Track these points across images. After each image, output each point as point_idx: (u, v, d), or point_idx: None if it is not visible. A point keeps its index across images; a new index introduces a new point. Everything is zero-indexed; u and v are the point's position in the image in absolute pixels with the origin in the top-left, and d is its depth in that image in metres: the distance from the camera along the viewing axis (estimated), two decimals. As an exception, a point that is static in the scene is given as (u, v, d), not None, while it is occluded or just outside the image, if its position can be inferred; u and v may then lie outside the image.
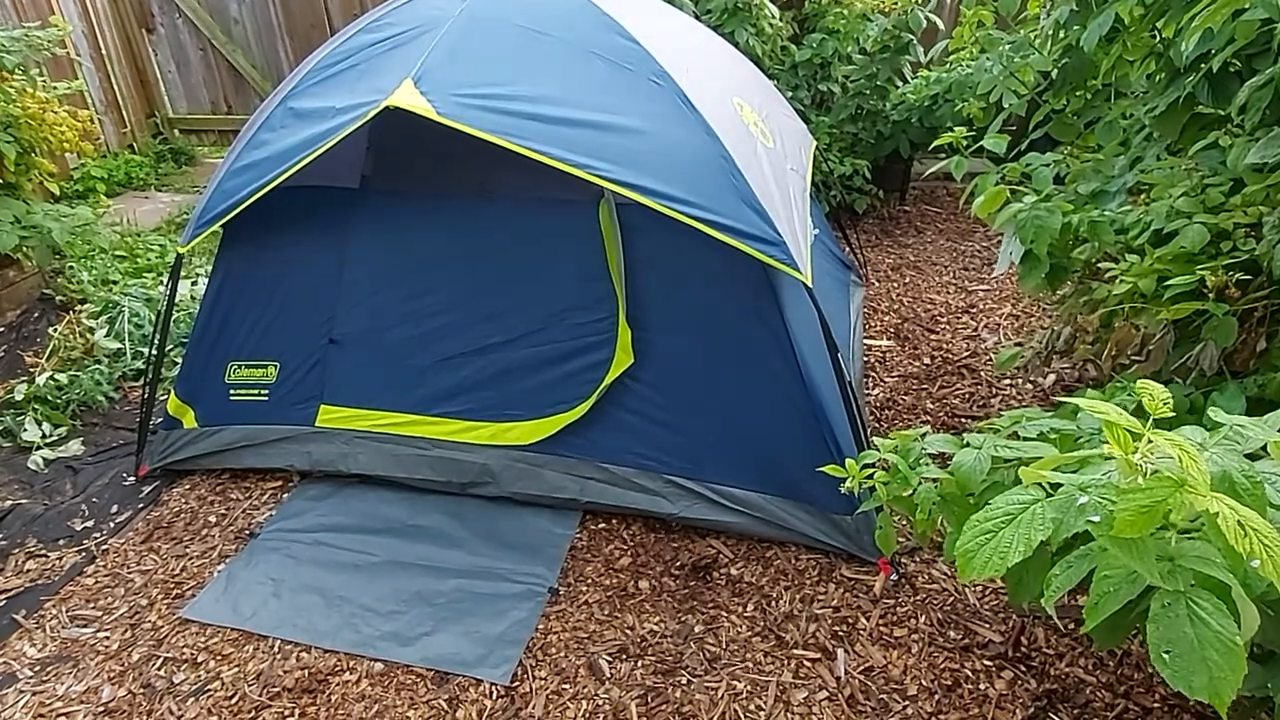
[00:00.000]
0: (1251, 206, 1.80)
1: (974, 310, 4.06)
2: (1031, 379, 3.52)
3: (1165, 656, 0.80)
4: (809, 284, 2.33)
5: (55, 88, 3.99)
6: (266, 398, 2.90)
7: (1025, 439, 1.59)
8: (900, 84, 4.72)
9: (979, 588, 2.48)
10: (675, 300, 2.56)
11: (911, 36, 4.48)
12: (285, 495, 2.94)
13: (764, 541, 2.64)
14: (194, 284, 4.31)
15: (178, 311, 3.99)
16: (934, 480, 1.56)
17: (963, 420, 3.25)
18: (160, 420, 3.03)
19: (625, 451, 2.65)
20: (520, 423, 2.71)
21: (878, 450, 1.74)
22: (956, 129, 2.91)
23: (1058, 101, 3.12)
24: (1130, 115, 2.72)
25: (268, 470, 3.01)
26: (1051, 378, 3.51)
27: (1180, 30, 2.04)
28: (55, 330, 3.77)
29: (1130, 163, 2.53)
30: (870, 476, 1.70)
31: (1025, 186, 2.73)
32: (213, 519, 2.86)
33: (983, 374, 3.55)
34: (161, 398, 3.18)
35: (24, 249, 3.84)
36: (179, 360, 3.65)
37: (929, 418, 3.27)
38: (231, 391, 2.92)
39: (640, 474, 2.65)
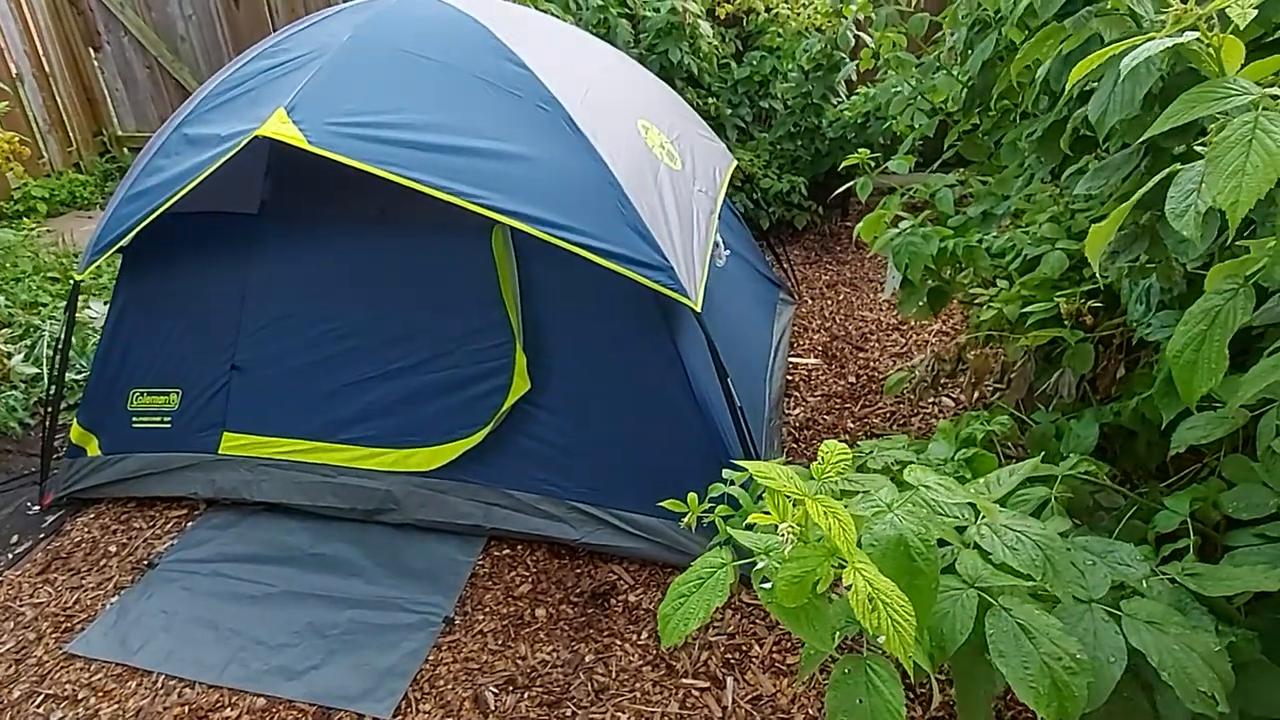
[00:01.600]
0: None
1: (904, 328, 4.07)
2: (953, 397, 3.52)
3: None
4: (697, 309, 2.32)
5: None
6: (169, 425, 2.86)
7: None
8: (835, 101, 4.74)
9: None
10: (572, 326, 2.54)
11: (843, 55, 4.50)
12: (189, 524, 2.90)
13: (667, 567, 2.62)
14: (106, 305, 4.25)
15: (93, 336, 3.94)
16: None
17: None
18: (65, 448, 2.98)
19: (528, 477, 2.63)
20: (422, 449, 2.69)
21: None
22: (861, 151, 2.93)
23: (967, 122, 3.13)
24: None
25: (173, 499, 2.96)
26: (976, 394, 3.52)
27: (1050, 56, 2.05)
28: (-30, 356, 3.71)
29: (1024, 185, 2.54)
30: (711, 510, 1.68)
31: (931, 207, 2.75)
32: (113, 549, 2.81)
33: (905, 394, 3.54)
34: (64, 424, 3.13)
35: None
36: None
37: (848, 437, 3.27)
38: (134, 419, 2.88)
39: (544, 500, 2.63)
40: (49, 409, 2.88)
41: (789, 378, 3.63)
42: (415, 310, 2.65)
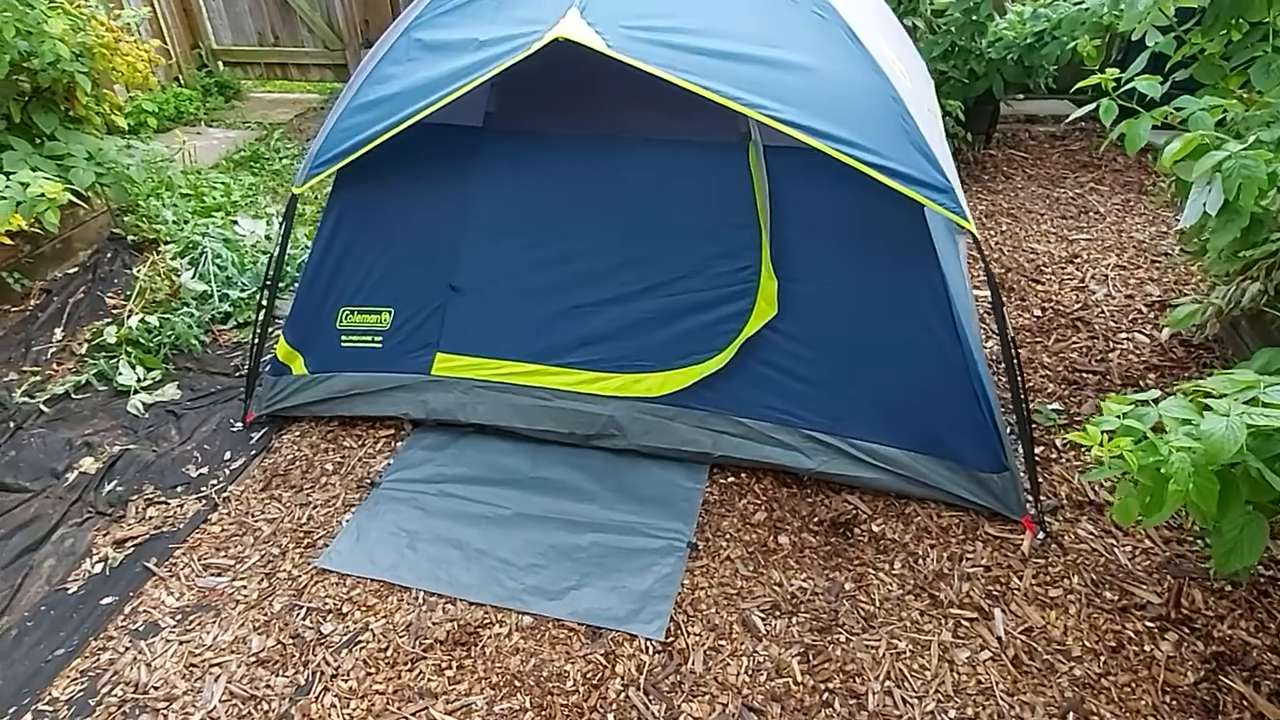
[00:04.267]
0: None
1: (1078, 260, 3.93)
2: (1147, 334, 3.41)
3: None
4: (975, 233, 2.21)
5: (119, 14, 3.79)
6: (380, 345, 2.82)
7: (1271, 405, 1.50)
8: (999, 19, 4.48)
9: (1129, 547, 2.43)
10: (823, 249, 2.44)
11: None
12: (399, 444, 2.88)
13: (902, 497, 2.58)
14: (268, 224, 4.18)
15: (259, 253, 3.89)
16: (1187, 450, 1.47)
17: (1083, 375, 3.16)
18: (268, 365, 2.95)
19: (762, 405, 2.58)
20: (651, 374, 2.63)
21: (1108, 415, 1.65)
22: (1109, 70, 2.74)
23: (1206, 40, 2.93)
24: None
25: (379, 418, 2.94)
26: (1167, 332, 3.41)
27: None
28: (139, 271, 3.66)
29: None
30: (1104, 444, 1.61)
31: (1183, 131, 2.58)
32: (329, 466, 2.81)
33: (1097, 327, 3.44)
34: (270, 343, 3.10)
35: (99, 186, 3.71)
36: (263, 303, 3.60)
37: (1048, 373, 3.18)
38: (343, 338, 2.84)
39: (777, 428, 2.58)
40: (258, 326, 2.83)
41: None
42: (649, 231, 2.56)
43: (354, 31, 6.12)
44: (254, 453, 2.88)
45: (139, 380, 3.26)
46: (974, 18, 4.40)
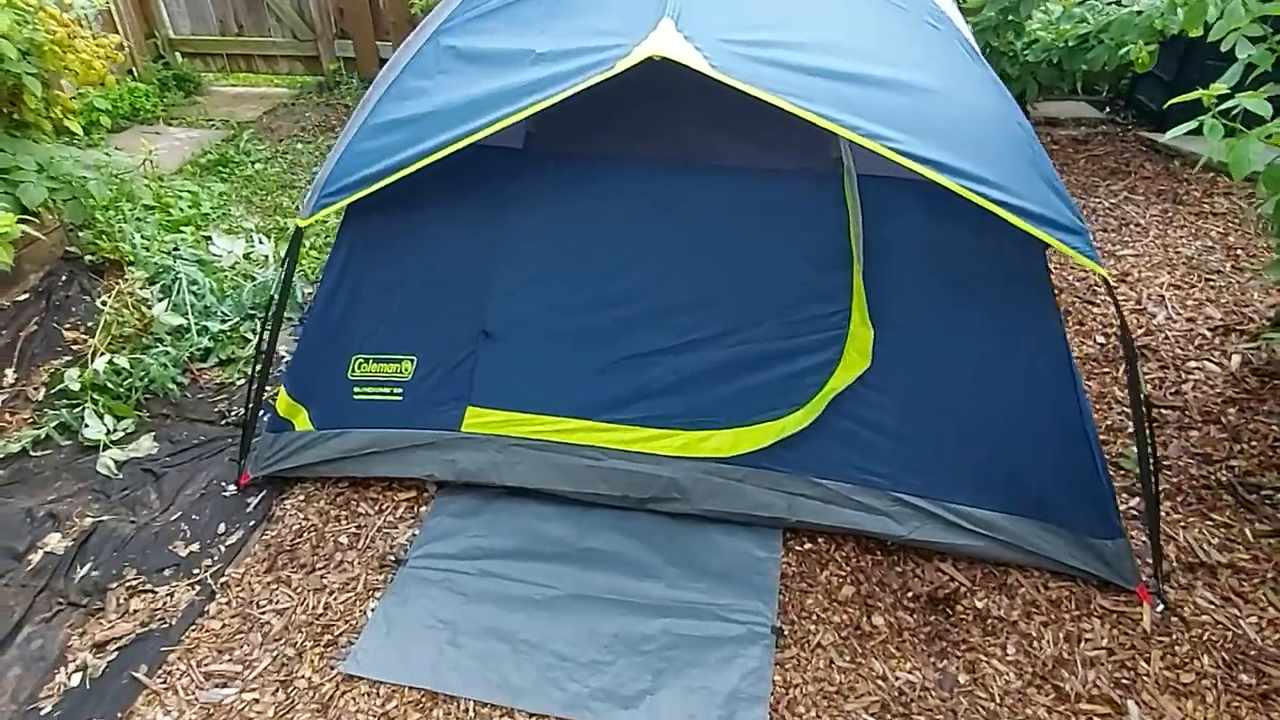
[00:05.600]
0: None
1: (1130, 279, 3.71)
2: (1216, 361, 3.20)
3: None
4: (1109, 278, 1.94)
5: (70, 4, 3.31)
6: (401, 397, 2.45)
7: None
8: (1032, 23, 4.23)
9: (1254, 618, 2.20)
10: (922, 292, 2.14)
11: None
12: (423, 509, 2.52)
13: (1001, 565, 2.31)
14: (248, 242, 3.74)
15: (240, 276, 3.46)
16: None
17: (1161, 411, 2.93)
18: (266, 420, 2.55)
19: (846, 465, 2.28)
20: (719, 431, 2.32)
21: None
22: (1214, 86, 2.48)
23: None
24: None
25: (397, 479, 2.57)
26: (1236, 359, 3.20)
27: None
28: (103, 300, 3.20)
29: None
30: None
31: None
32: (343, 539, 2.43)
33: (1164, 355, 3.22)
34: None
35: (52, 203, 3.24)
36: (248, 336, 3.18)
37: (1125, 409, 2.94)
38: (356, 390, 2.46)
39: (862, 490, 2.29)
40: (255, 375, 2.43)
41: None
42: (721, 270, 2.23)
43: (327, 21, 5.63)
44: (253, 523, 2.49)
45: (108, 432, 2.83)
46: (1011, 18, 4.14)
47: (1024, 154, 1.86)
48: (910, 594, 2.25)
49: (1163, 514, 2.50)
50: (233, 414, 2.94)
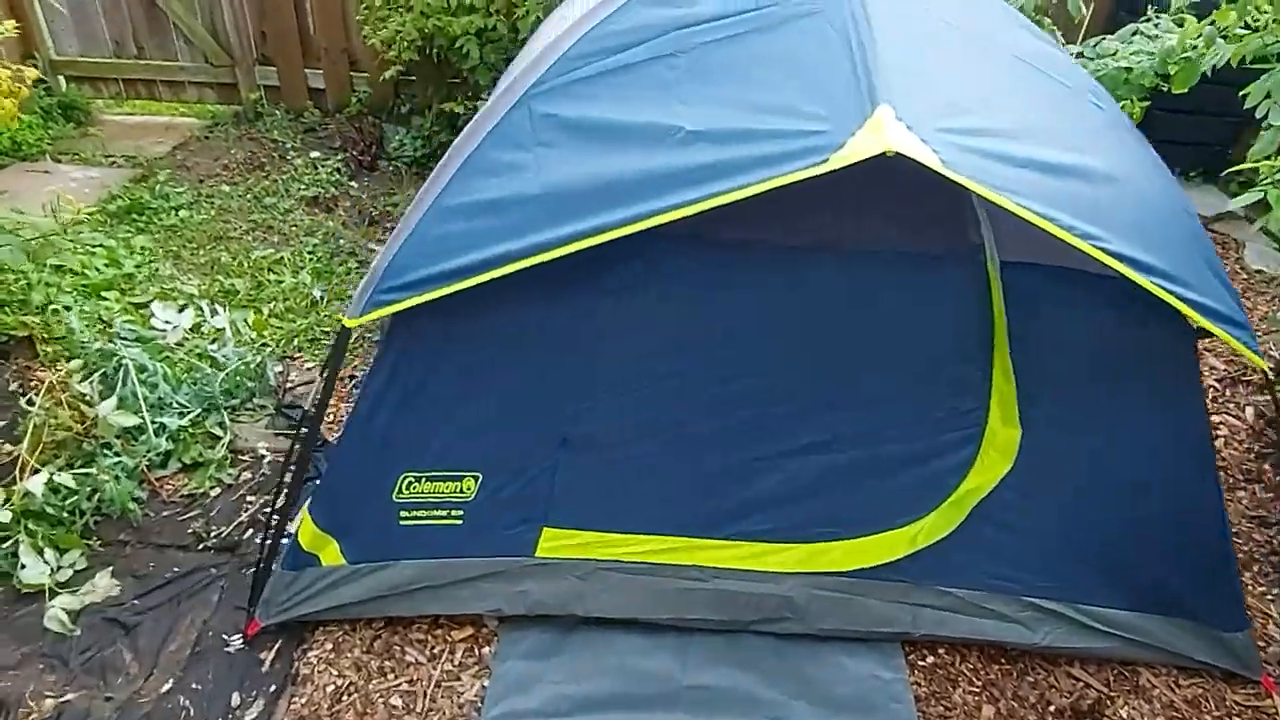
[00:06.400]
0: None
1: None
2: (1235, 415, 3.26)
3: None
4: (1269, 373, 1.84)
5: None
6: (460, 521, 2.04)
7: None
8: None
9: (1376, 703, 2.16)
10: (1068, 386, 1.98)
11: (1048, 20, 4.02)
12: (485, 649, 2.12)
13: (1127, 665, 2.18)
14: (198, 314, 3.16)
15: (195, 357, 2.90)
16: None
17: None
18: (284, 554, 2.07)
19: (975, 570, 2.09)
20: (840, 542, 2.06)
21: None
22: (1251, 153, 2.48)
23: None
24: None
25: (449, 617, 2.16)
26: (1250, 411, 3.28)
27: None
28: (31, 401, 2.57)
29: None
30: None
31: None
32: (396, 701, 2.00)
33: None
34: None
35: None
36: (216, 432, 2.66)
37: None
38: (404, 514, 2.03)
39: (992, 597, 2.10)
40: (275, 502, 1.97)
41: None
42: (842, 365, 1.99)
43: (247, 45, 5.00)
44: (273, 688, 2.01)
45: (52, 572, 2.24)
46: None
47: (1196, 245, 1.74)
48: (1053, 708, 2.07)
49: (1254, 589, 2.46)
50: (212, 535, 2.41)
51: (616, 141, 1.61)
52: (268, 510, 2.51)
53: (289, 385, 2.98)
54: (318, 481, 2.56)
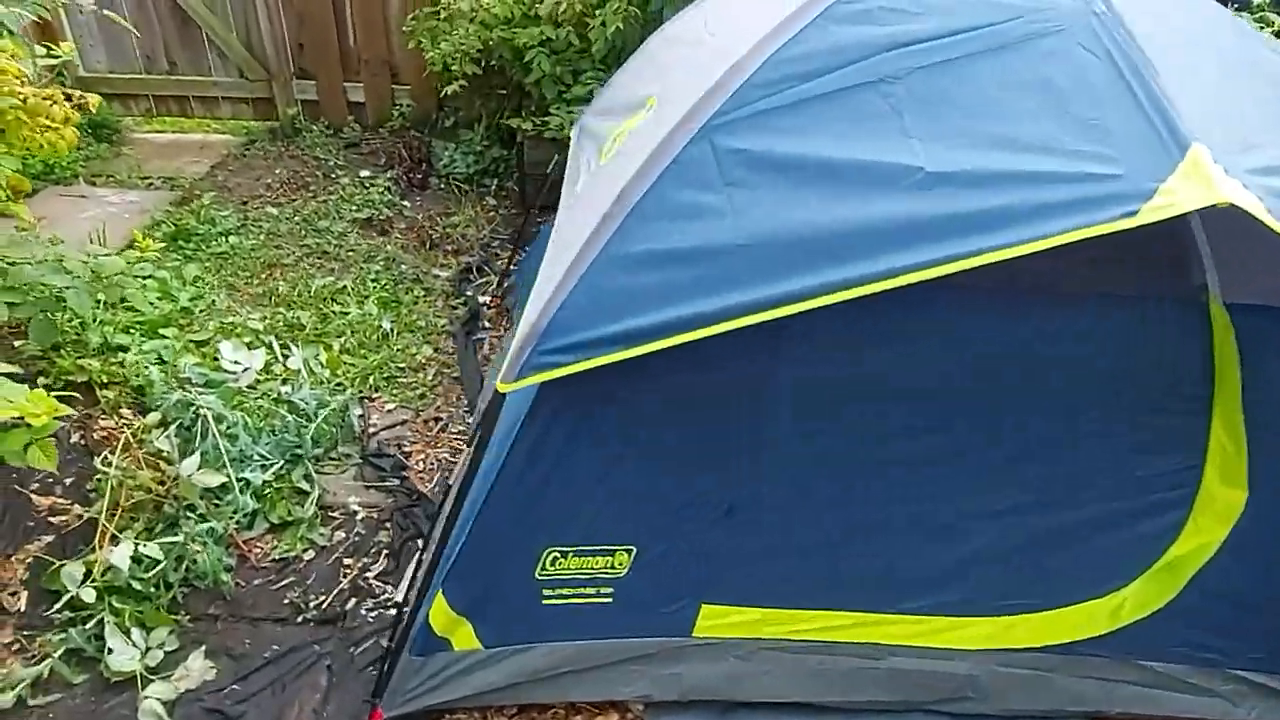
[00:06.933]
0: None
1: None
2: None
3: None
4: None
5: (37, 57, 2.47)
6: (611, 599, 1.83)
7: None
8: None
9: None
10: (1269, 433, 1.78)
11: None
12: (636, 739, 1.91)
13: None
14: (270, 353, 2.94)
15: (272, 401, 2.68)
16: None
17: None
18: (414, 639, 1.85)
19: (1175, 640, 1.89)
20: (1031, 615, 1.86)
21: None
22: None
23: None
24: None
25: (590, 704, 1.95)
26: None
27: None
28: (107, 460, 2.34)
29: None
30: None
31: None
32: (547, 803, 1.79)
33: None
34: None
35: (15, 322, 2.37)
36: (303, 487, 2.45)
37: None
38: (547, 591, 1.82)
39: (1192, 671, 1.90)
40: (411, 588, 1.75)
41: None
42: (1042, 419, 1.78)
43: (284, 58, 4.78)
44: (406, 791, 1.80)
45: (142, 655, 2.02)
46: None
47: None
48: (1263, 793, 1.87)
49: None
50: (311, 605, 2.20)
51: (829, 184, 1.40)
52: (368, 575, 2.32)
53: (372, 430, 2.77)
54: (419, 541, 2.38)
